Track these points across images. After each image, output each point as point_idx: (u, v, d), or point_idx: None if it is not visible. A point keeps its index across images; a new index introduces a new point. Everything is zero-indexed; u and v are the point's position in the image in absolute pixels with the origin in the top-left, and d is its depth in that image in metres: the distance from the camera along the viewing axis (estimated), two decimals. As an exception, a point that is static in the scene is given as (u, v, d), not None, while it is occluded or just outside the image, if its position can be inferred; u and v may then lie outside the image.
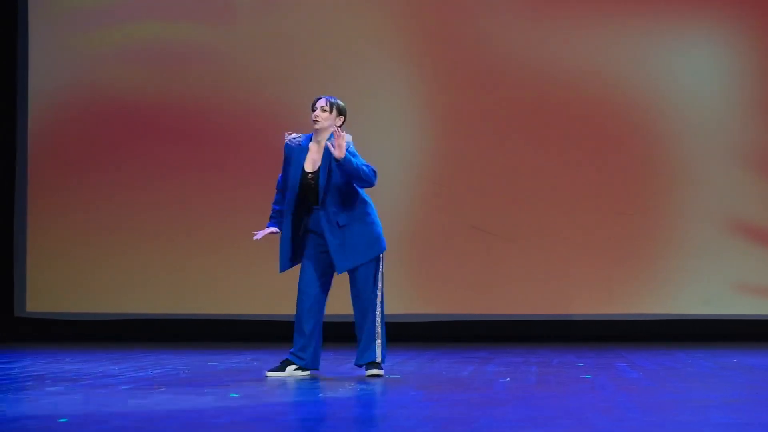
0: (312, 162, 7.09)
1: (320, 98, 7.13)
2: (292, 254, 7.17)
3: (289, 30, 11.45)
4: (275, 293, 11.24)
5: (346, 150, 6.91)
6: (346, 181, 7.00)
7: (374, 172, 7.00)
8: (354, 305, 7.17)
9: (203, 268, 11.43)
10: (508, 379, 6.97)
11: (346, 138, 6.97)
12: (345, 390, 6.40)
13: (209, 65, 11.52)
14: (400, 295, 10.35)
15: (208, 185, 11.44)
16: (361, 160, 6.99)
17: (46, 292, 11.58)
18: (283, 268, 7.24)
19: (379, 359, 7.12)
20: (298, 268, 7.32)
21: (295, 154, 7.11)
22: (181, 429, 4.70)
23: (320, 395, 6.14)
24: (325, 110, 7.07)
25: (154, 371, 7.64)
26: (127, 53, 11.59)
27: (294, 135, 7.19)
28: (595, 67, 11.11)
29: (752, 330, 10.93)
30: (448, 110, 11.32)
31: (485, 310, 11.14)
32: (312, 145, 7.12)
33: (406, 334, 10.38)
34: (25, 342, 11.09)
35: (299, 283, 7.24)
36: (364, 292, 7.09)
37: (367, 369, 7.12)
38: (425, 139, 11.27)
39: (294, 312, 7.42)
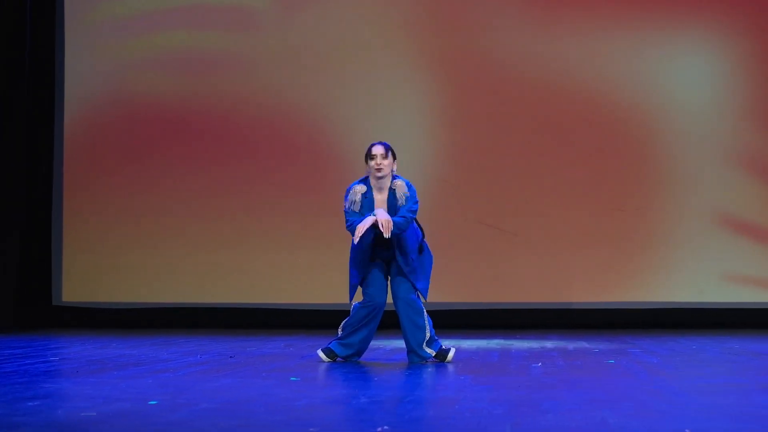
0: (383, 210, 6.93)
1: (375, 145, 6.96)
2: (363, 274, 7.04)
3: (309, 38, 11.38)
4: (298, 283, 11.21)
5: (410, 197, 6.88)
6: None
7: (413, 212, 6.89)
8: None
9: (228, 260, 11.35)
10: (540, 364, 6.90)
11: (403, 184, 6.92)
12: (395, 374, 6.32)
13: (233, 71, 11.43)
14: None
15: (233, 182, 11.37)
16: (407, 206, 6.88)
17: (81, 282, 11.49)
18: (358, 281, 7.08)
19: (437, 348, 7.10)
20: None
21: (363, 204, 6.91)
22: (268, 411, 4.60)
23: (375, 379, 6.05)
24: (385, 158, 6.90)
25: (203, 356, 7.53)
26: (156, 60, 11.50)
27: (359, 186, 6.98)
28: (594, 74, 11.08)
29: (741, 318, 10.91)
30: (458, 114, 11.26)
31: (491, 299, 11.10)
32: (375, 193, 6.95)
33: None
34: (63, 329, 10.98)
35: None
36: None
37: (437, 358, 7.04)
38: (436, 142, 11.21)
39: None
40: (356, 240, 6.77)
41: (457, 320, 10.90)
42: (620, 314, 10.98)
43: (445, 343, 7.38)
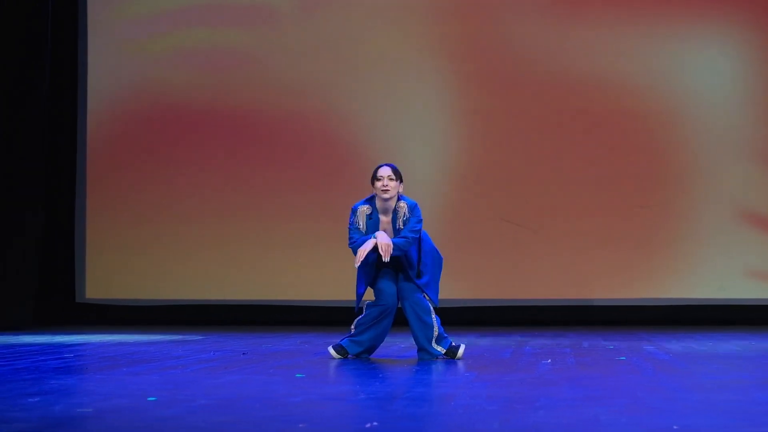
0: (384, 232, 6.99)
1: (383, 166, 7.00)
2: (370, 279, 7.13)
3: (329, 36, 11.42)
4: (318, 280, 11.25)
5: (413, 216, 6.93)
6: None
7: (415, 231, 6.94)
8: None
9: (249, 257, 11.43)
10: (549, 360, 6.91)
11: (411, 205, 6.97)
12: (401, 371, 6.35)
13: (253, 69, 11.50)
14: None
15: (254, 179, 11.44)
16: (409, 225, 6.93)
17: (104, 280, 11.60)
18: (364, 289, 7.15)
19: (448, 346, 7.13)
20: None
21: (368, 225, 6.97)
22: (262, 407, 4.64)
23: (380, 375, 6.08)
24: (392, 179, 6.94)
25: (216, 353, 7.59)
26: (177, 58, 11.59)
27: (365, 207, 7.03)
28: (615, 70, 11.06)
29: (762, 314, 10.87)
30: (478, 111, 11.26)
31: (513, 296, 11.11)
32: (380, 216, 7.01)
33: (441, 319, 10.31)
34: (86, 326, 11.11)
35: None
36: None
37: (447, 355, 7.08)
38: (455, 138, 11.22)
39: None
40: (357, 264, 6.87)
41: (476, 317, 10.93)
42: (641, 311, 10.96)
43: (456, 341, 7.40)
